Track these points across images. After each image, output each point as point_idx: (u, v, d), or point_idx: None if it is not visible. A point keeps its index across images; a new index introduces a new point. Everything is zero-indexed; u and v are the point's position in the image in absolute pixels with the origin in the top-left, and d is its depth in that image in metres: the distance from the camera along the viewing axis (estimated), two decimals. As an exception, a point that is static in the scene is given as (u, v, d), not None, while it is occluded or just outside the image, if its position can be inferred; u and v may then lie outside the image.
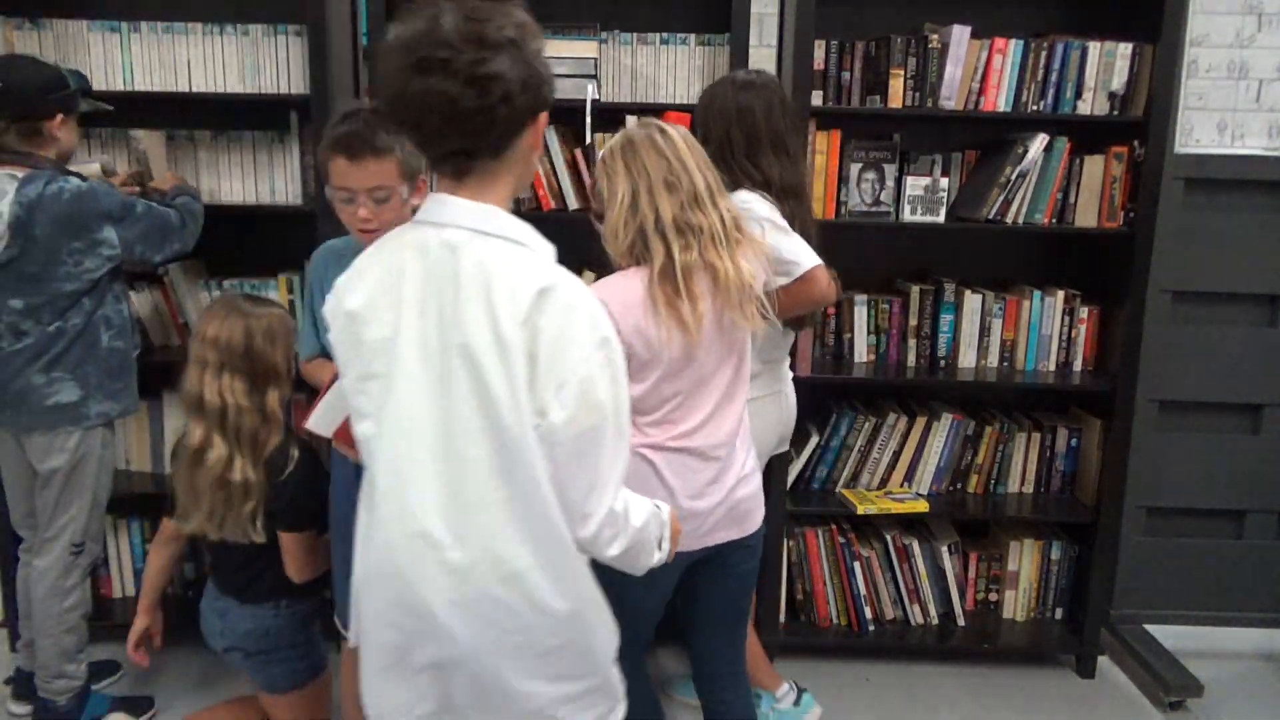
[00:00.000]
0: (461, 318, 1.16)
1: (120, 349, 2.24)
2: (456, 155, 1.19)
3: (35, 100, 2.09)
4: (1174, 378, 2.77)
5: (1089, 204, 2.56)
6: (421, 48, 1.11)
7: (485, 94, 1.12)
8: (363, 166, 1.74)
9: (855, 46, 2.51)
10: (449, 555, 1.19)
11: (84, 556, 2.28)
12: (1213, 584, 2.87)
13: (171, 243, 2.25)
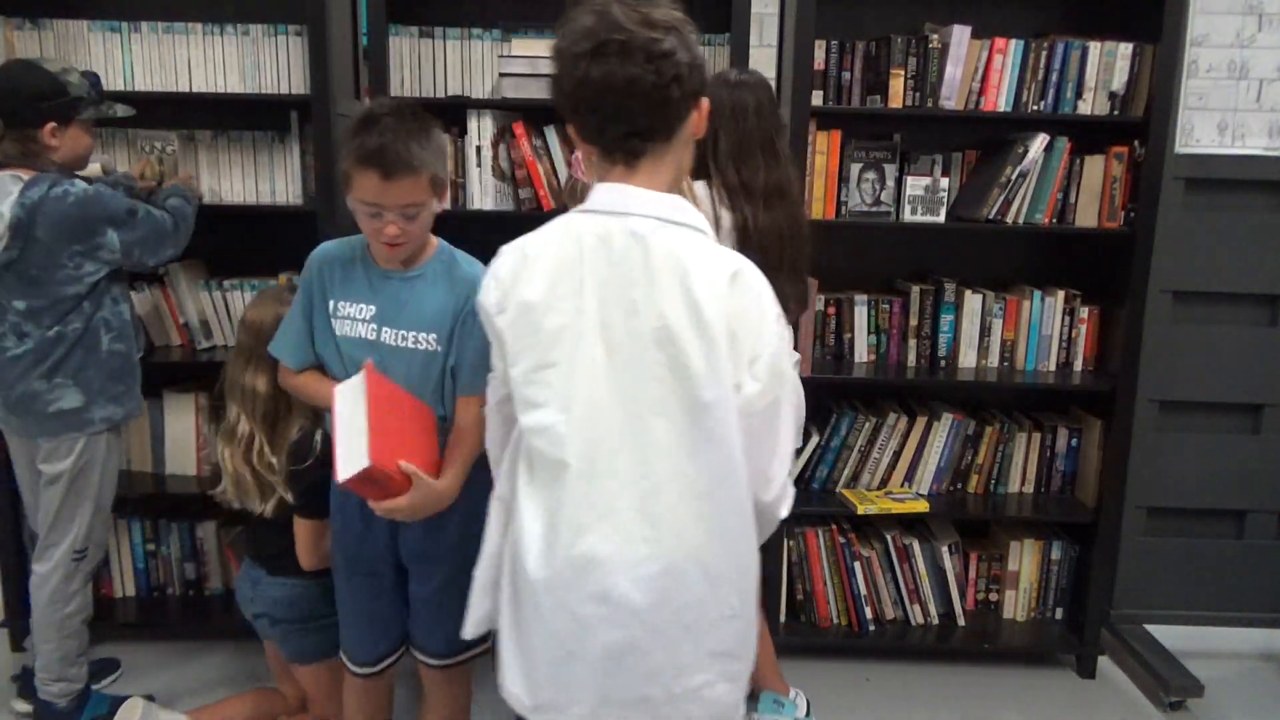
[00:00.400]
0: (657, 303, 1.22)
1: (121, 352, 2.23)
2: (631, 137, 1.25)
3: (24, 109, 2.06)
4: (1174, 378, 2.77)
5: (1089, 204, 2.56)
6: (598, 34, 1.20)
7: (660, 72, 1.21)
8: (398, 184, 1.63)
9: (855, 46, 2.51)
10: (639, 531, 1.25)
11: (86, 562, 2.26)
12: (1213, 584, 2.87)
13: (165, 247, 2.24)
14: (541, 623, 1.30)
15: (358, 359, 1.74)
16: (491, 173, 2.54)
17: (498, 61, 2.51)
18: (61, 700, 2.29)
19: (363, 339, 1.78)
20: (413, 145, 1.63)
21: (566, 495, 1.26)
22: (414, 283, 1.78)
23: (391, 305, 1.77)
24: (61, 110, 2.09)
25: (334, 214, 2.54)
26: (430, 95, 2.56)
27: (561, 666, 1.30)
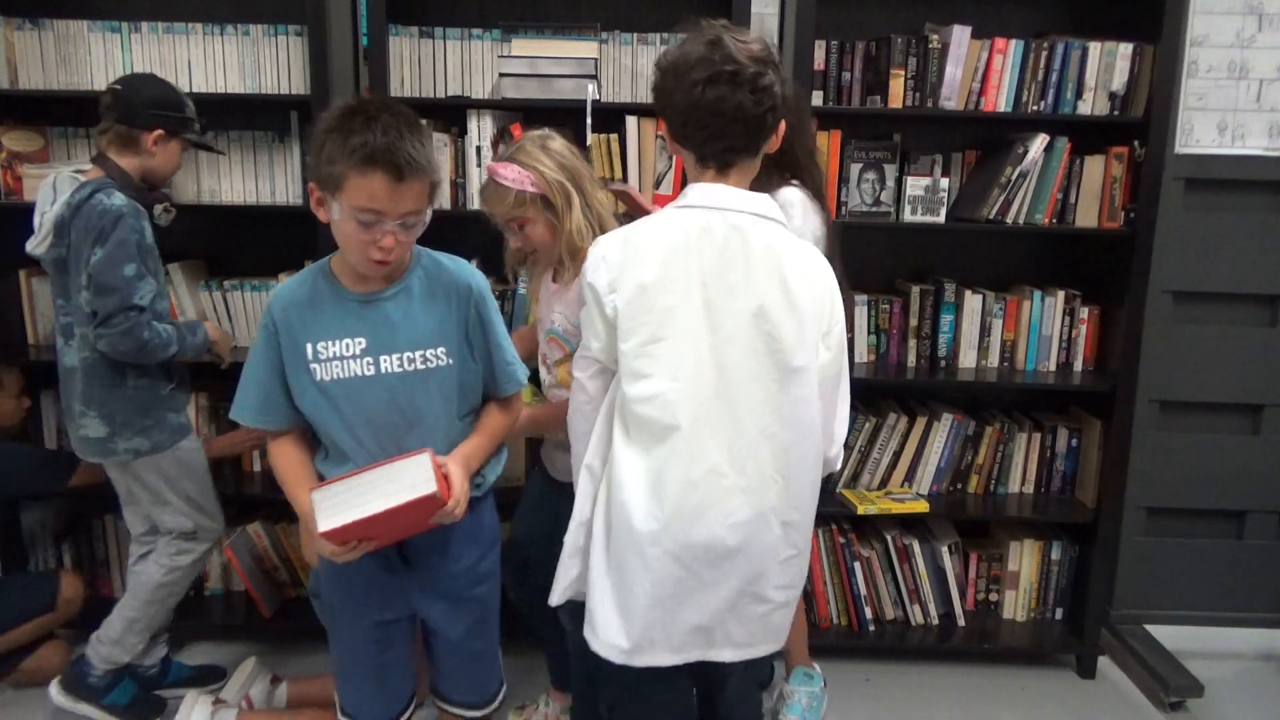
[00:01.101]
0: (755, 287, 1.45)
1: (146, 386, 2.17)
2: (728, 151, 1.48)
3: (139, 110, 2.13)
4: (1174, 378, 2.77)
5: (1089, 204, 2.56)
6: (714, 63, 1.42)
7: (760, 103, 1.44)
8: (409, 188, 1.46)
9: (855, 46, 2.51)
10: (733, 482, 1.46)
11: (195, 541, 2.31)
12: (1213, 584, 2.87)
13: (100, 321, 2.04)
14: (648, 571, 1.47)
15: (359, 402, 1.57)
16: (491, 173, 2.53)
17: (497, 62, 2.51)
18: (100, 667, 2.28)
19: (359, 376, 1.56)
20: (418, 144, 1.47)
21: (674, 455, 1.45)
22: (400, 299, 1.58)
23: (383, 329, 1.57)
24: (171, 123, 2.15)
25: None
26: (430, 95, 2.56)
27: (660, 608, 1.48)
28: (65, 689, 2.29)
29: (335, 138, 1.45)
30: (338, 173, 1.45)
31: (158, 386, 2.19)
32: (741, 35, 1.45)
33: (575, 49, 2.49)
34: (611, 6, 2.65)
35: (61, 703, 2.28)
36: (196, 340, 2.20)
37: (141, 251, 2.08)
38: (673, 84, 1.46)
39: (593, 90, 2.44)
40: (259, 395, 1.60)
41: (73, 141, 2.64)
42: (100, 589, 2.81)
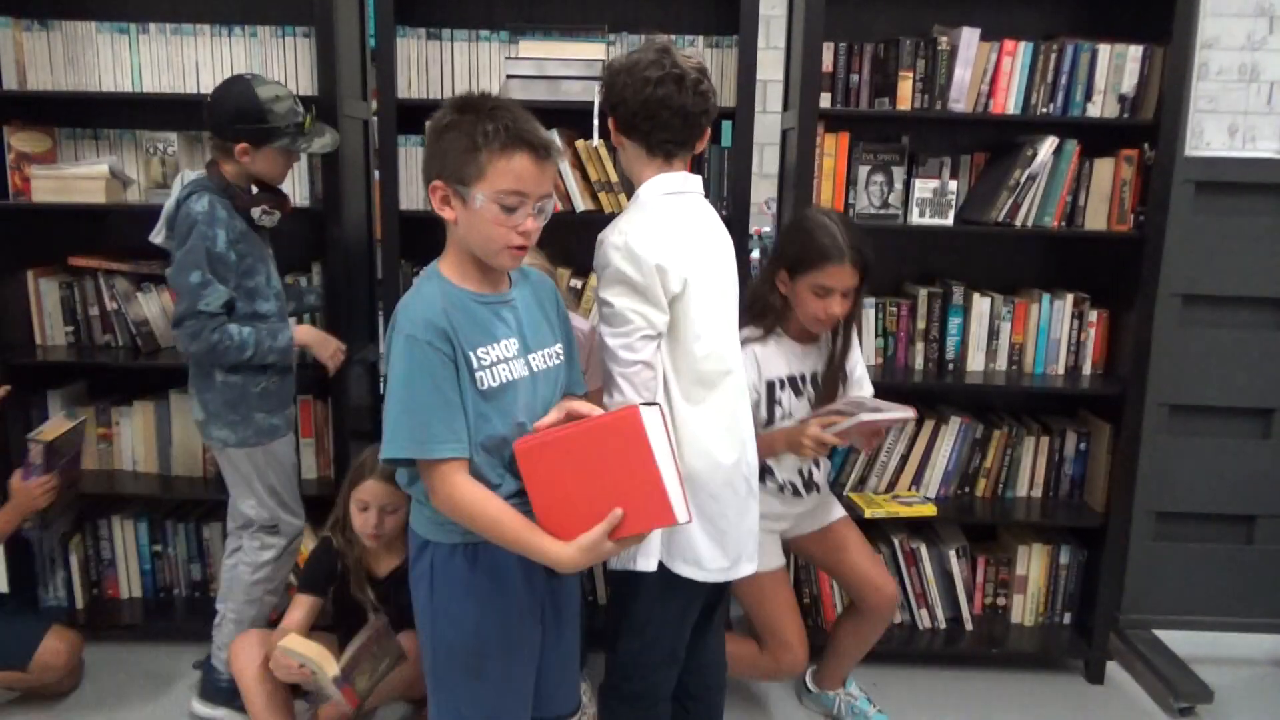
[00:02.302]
0: (727, 252, 1.83)
1: (236, 384, 2.22)
2: (671, 143, 1.72)
3: (224, 124, 2.15)
4: (1184, 381, 2.76)
5: (1099, 207, 2.55)
6: (664, 66, 1.67)
7: (698, 105, 1.70)
8: (548, 166, 1.49)
9: (864, 48, 2.50)
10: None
11: (278, 536, 2.35)
12: (1223, 589, 2.85)
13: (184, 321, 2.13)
14: (735, 496, 1.78)
15: (513, 405, 1.53)
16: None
17: (505, 63, 2.50)
18: (227, 672, 2.32)
19: (518, 379, 1.54)
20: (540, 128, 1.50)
21: (733, 392, 1.78)
22: (520, 298, 1.59)
23: (526, 329, 1.57)
24: (255, 135, 2.15)
25: (340, 215, 2.54)
26: (437, 96, 2.55)
27: (740, 527, 1.80)
28: (203, 697, 2.40)
29: (464, 129, 1.44)
30: (481, 160, 1.44)
31: (247, 385, 2.23)
32: (685, 51, 1.77)
33: (583, 50, 2.49)
34: (619, 8, 2.64)
35: (202, 711, 2.39)
36: (278, 345, 2.22)
37: (211, 259, 2.12)
38: (625, 81, 1.69)
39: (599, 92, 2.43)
40: (457, 420, 1.47)
41: (80, 142, 2.65)
42: (107, 589, 2.81)
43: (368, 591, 2.24)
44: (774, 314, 2.14)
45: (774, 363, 2.16)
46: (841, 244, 2.02)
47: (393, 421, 1.46)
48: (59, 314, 2.68)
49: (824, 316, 2.08)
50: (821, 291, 2.05)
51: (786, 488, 2.27)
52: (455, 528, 1.52)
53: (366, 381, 2.93)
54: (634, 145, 1.74)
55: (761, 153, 3.92)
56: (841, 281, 2.04)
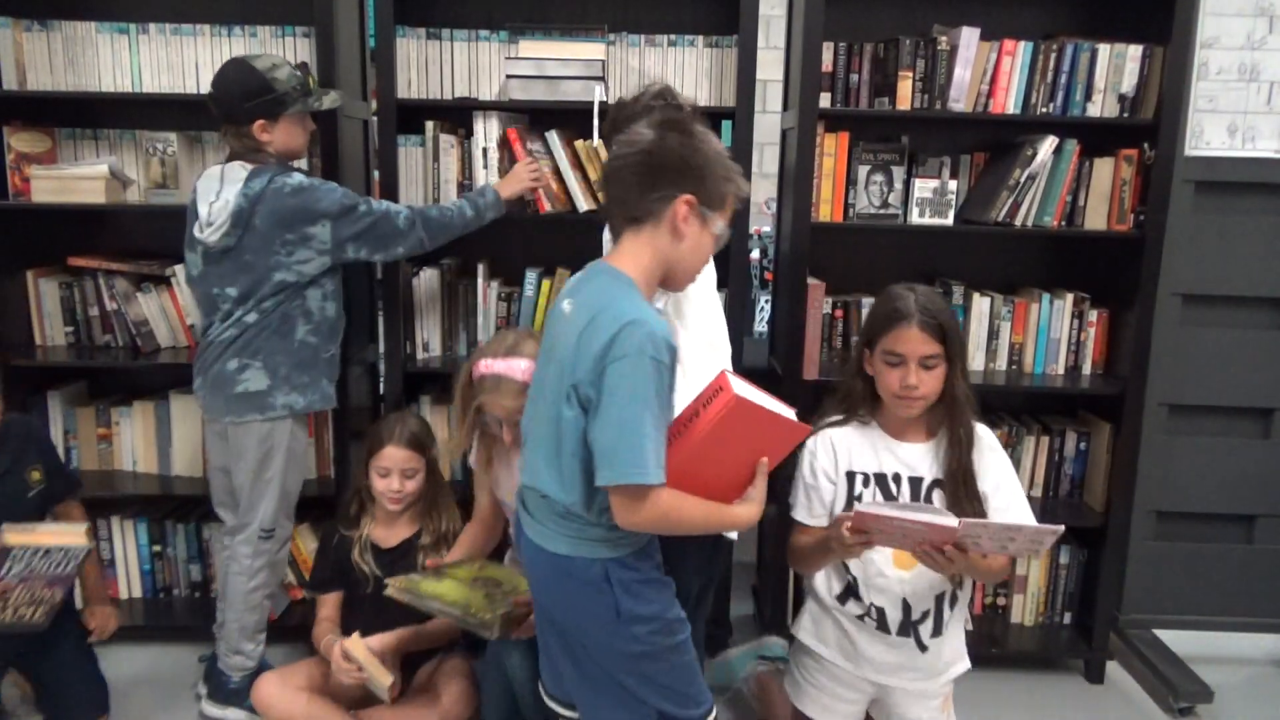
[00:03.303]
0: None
1: (313, 344, 2.27)
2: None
3: (235, 108, 2.15)
4: (1184, 381, 2.76)
5: (1098, 207, 2.55)
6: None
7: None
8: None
9: (864, 48, 2.50)
10: None
11: (272, 541, 2.35)
12: (1223, 589, 2.85)
13: (393, 245, 2.24)
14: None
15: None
16: (498, 174, 2.53)
17: (504, 63, 2.50)
18: (236, 675, 2.38)
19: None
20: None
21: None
22: None
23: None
24: (268, 107, 2.16)
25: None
26: (437, 97, 2.56)
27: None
28: (212, 698, 2.41)
29: (722, 156, 1.56)
30: (730, 193, 1.57)
31: (320, 348, 2.28)
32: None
33: (582, 50, 2.49)
34: (619, 8, 2.64)
35: (213, 712, 2.41)
36: (487, 199, 2.33)
37: (348, 193, 2.19)
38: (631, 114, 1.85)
39: (600, 92, 2.44)
40: (663, 445, 1.48)
41: (80, 143, 2.65)
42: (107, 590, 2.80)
43: (369, 559, 2.33)
44: (858, 399, 1.98)
45: (858, 454, 1.95)
46: (912, 307, 1.87)
47: (634, 444, 1.43)
48: (59, 314, 2.68)
49: (899, 389, 1.87)
50: (894, 359, 1.88)
51: (869, 619, 1.93)
52: (627, 539, 1.57)
53: (366, 382, 2.93)
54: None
55: (761, 152, 3.92)
56: (912, 347, 1.85)
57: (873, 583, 1.90)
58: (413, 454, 2.30)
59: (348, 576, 2.36)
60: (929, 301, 1.89)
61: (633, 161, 1.55)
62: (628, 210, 1.56)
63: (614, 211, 1.60)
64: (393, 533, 2.37)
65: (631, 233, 1.57)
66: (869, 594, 1.91)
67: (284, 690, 2.24)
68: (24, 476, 2.23)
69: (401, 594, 2.04)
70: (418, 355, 2.66)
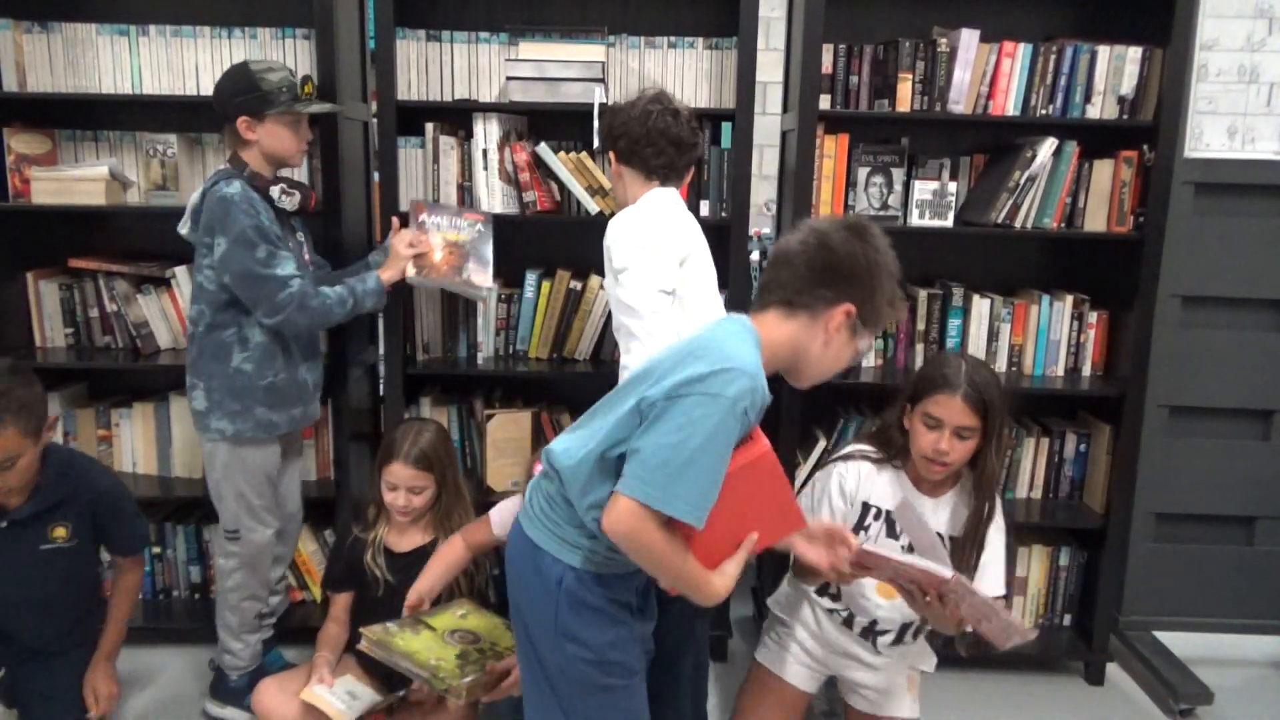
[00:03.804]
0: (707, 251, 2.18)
1: (248, 372, 2.23)
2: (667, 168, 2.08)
3: (224, 104, 2.19)
4: (1184, 383, 2.75)
5: (1098, 208, 2.55)
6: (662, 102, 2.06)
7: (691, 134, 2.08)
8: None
9: (863, 50, 2.51)
10: None
11: (239, 544, 2.35)
12: (1223, 591, 2.85)
13: (262, 309, 2.16)
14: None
15: None
16: (498, 176, 2.54)
17: (504, 65, 2.51)
18: (231, 674, 2.42)
19: None
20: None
21: None
22: None
23: None
24: (252, 104, 2.17)
25: (340, 216, 2.54)
26: (437, 99, 2.56)
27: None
28: (214, 697, 2.45)
29: (894, 278, 1.56)
30: (889, 315, 1.57)
31: (257, 376, 2.25)
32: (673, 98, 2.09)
33: (582, 52, 2.49)
34: (619, 10, 2.65)
35: (214, 711, 2.44)
36: (369, 287, 2.28)
37: (263, 233, 2.15)
38: (627, 116, 2.04)
39: (600, 94, 2.44)
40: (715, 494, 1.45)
41: (81, 144, 2.65)
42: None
43: (380, 563, 2.32)
44: (895, 448, 2.10)
45: (880, 489, 2.09)
46: (960, 377, 1.97)
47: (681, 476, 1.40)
48: (59, 316, 2.68)
49: (931, 452, 1.98)
50: (931, 422, 1.99)
51: (837, 614, 2.15)
52: (597, 557, 1.52)
53: (366, 383, 2.93)
54: (632, 171, 2.07)
55: (761, 154, 3.92)
56: (951, 415, 1.96)
57: (854, 599, 2.09)
58: (419, 472, 2.26)
59: (360, 578, 2.35)
60: (977, 374, 1.98)
61: (811, 253, 1.53)
62: (787, 295, 1.54)
63: (771, 288, 1.57)
64: (406, 539, 2.35)
65: (781, 313, 1.54)
66: (846, 601, 2.11)
67: (283, 696, 2.23)
68: (43, 530, 2.13)
69: (374, 649, 1.97)
70: (417, 357, 2.66)
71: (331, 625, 2.36)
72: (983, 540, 2.04)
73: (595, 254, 2.03)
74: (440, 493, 2.33)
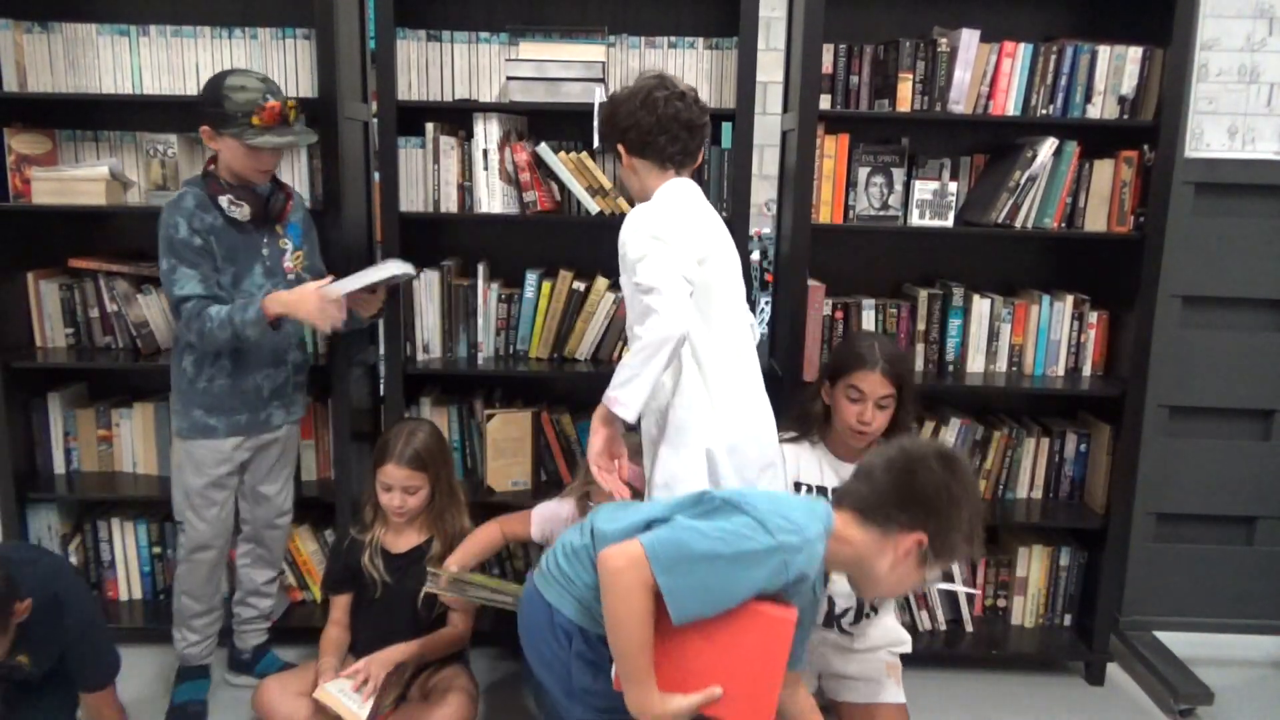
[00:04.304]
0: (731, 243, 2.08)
1: (189, 374, 2.27)
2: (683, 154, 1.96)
3: (196, 107, 2.19)
4: (1184, 383, 2.76)
5: (1098, 208, 2.55)
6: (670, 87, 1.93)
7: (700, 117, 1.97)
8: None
9: (864, 50, 2.51)
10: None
11: (184, 535, 2.37)
12: (1223, 591, 2.85)
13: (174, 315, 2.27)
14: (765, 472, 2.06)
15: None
16: (499, 176, 2.54)
17: (505, 65, 2.51)
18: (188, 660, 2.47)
19: None
20: None
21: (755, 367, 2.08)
22: None
23: None
24: (212, 119, 2.16)
25: (340, 216, 2.54)
26: (437, 99, 2.56)
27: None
28: (229, 667, 2.61)
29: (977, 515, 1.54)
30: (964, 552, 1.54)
31: (196, 378, 2.28)
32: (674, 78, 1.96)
33: (583, 52, 2.49)
34: (619, 9, 2.65)
35: (229, 679, 2.59)
36: (248, 317, 2.15)
37: (174, 246, 2.17)
38: (635, 106, 1.90)
39: (600, 94, 2.44)
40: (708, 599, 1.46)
41: (81, 144, 2.65)
42: (107, 591, 2.81)
43: (378, 564, 2.34)
44: (815, 421, 2.27)
45: (806, 467, 2.26)
46: (877, 355, 2.18)
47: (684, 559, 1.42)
48: (59, 316, 2.68)
49: (856, 423, 2.18)
50: (855, 394, 2.18)
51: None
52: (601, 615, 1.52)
53: (366, 383, 2.93)
54: (646, 163, 1.95)
55: (761, 154, 3.92)
56: (872, 388, 2.17)
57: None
58: (413, 473, 2.28)
59: (358, 580, 2.36)
60: (891, 351, 2.22)
61: (895, 473, 1.51)
62: (861, 505, 1.52)
63: (850, 493, 1.56)
64: (403, 539, 2.37)
65: (853, 519, 1.53)
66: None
67: (284, 696, 2.24)
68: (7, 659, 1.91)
69: (451, 586, 2.14)
70: (417, 357, 2.66)
71: (333, 629, 2.36)
72: None
73: (596, 254, 2.04)
74: (434, 493, 2.33)
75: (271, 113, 2.15)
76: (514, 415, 2.68)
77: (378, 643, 2.27)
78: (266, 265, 2.29)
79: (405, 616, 2.31)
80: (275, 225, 2.32)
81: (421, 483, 2.30)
